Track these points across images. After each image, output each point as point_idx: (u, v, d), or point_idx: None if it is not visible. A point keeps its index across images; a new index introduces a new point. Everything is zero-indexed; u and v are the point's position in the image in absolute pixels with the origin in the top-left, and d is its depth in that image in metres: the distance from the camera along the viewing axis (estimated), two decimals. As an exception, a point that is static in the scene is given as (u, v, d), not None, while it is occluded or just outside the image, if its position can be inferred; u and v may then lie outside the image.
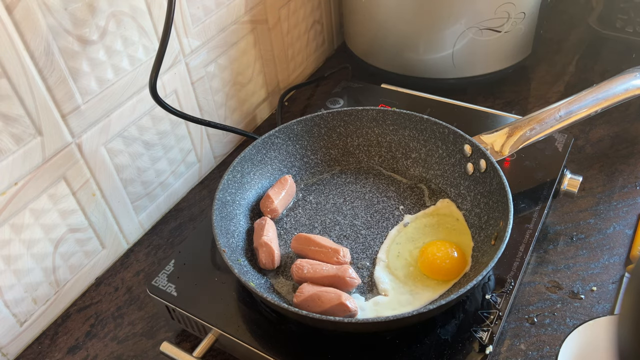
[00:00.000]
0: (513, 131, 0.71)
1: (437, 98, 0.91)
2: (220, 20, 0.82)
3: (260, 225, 0.68)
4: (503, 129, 0.72)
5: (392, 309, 0.60)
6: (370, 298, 0.62)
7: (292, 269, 0.63)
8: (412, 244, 0.67)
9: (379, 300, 0.61)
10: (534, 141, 0.71)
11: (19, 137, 0.60)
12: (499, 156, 0.69)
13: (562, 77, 1.02)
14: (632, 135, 0.88)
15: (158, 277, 0.65)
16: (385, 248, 0.67)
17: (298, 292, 0.60)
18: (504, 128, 0.72)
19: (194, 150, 0.86)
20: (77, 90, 0.64)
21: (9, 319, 0.66)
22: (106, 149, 0.71)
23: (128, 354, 0.67)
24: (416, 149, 0.77)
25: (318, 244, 0.65)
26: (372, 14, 0.97)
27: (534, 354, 0.61)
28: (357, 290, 0.63)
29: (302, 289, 0.60)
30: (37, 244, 0.66)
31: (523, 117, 0.73)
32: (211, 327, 0.61)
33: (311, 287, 0.60)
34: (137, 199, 0.79)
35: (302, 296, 0.59)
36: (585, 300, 0.66)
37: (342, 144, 0.79)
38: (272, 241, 0.66)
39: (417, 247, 0.66)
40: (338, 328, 0.57)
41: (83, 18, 0.62)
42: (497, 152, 0.70)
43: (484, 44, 0.93)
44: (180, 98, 0.80)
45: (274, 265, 0.65)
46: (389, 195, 0.75)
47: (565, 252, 0.72)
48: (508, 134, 0.71)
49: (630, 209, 0.76)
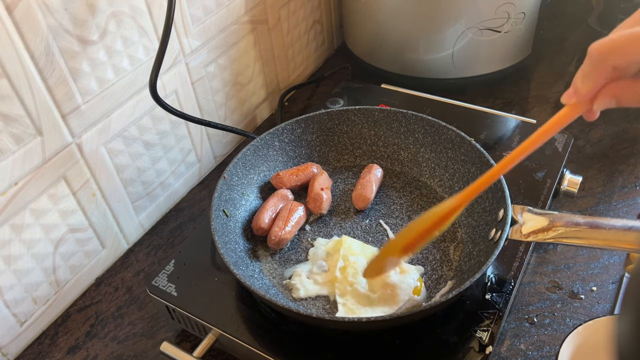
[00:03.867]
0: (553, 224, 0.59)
1: (437, 98, 0.91)
2: (221, 20, 0.82)
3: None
4: (546, 216, 0.60)
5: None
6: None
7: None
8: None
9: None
10: (555, 243, 0.60)
11: (19, 137, 0.60)
12: (519, 237, 0.61)
13: (562, 77, 1.02)
14: (632, 135, 0.88)
15: (158, 277, 0.65)
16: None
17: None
18: (549, 215, 0.61)
19: (194, 150, 0.86)
20: (77, 90, 0.64)
21: (9, 319, 0.66)
22: (106, 149, 0.71)
23: (128, 354, 0.67)
24: (424, 153, 0.77)
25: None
26: (372, 14, 0.97)
27: (534, 354, 0.61)
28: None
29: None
30: (37, 244, 0.66)
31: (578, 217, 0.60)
32: (211, 327, 0.61)
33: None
34: (137, 199, 0.79)
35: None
36: (585, 300, 0.66)
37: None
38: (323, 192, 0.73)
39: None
40: (338, 327, 0.57)
41: (83, 18, 0.62)
42: (522, 233, 0.61)
43: (484, 44, 0.93)
44: (180, 98, 0.80)
45: (321, 210, 0.72)
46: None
47: (565, 252, 0.72)
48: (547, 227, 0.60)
49: (630, 209, 0.76)
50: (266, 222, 0.69)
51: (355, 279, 0.63)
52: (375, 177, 0.74)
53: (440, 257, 0.67)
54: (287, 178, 0.74)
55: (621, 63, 0.40)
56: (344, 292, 0.62)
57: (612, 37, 0.40)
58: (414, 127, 0.77)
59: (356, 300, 0.62)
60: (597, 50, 0.40)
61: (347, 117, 0.79)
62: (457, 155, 0.73)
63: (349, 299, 0.62)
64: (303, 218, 0.71)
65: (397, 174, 0.78)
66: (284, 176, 0.74)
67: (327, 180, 0.75)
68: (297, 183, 0.75)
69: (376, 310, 0.61)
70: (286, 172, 0.75)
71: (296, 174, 0.75)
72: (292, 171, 0.75)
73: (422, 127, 0.76)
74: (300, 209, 0.71)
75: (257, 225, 0.69)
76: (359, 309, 0.61)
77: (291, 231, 0.68)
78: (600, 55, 0.40)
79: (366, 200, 0.72)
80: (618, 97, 0.42)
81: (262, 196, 0.75)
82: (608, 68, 0.40)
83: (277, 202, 0.72)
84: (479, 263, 0.60)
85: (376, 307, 0.61)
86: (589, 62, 0.41)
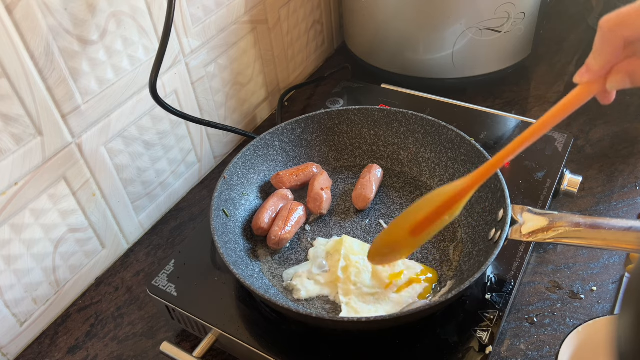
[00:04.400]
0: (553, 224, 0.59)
1: (437, 98, 0.91)
2: (220, 20, 0.82)
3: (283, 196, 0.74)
4: (546, 216, 0.60)
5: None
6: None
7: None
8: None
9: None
10: (555, 243, 0.60)
11: (19, 137, 0.60)
12: (519, 237, 0.61)
13: (562, 77, 1.02)
14: (632, 135, 0.88)
15: (158, 277, 0.65)
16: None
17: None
18: (549, 215, 0.61)
19: (194, 150, 0.86)
20: (77, 90, 0.64)
21: (9, 319, 0.66)
22: (106, 149, 0.71)
23: (128, 354, 0.67)
24: (424, 152, 0.77)
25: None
26: (372, 14, 0.97)
27: (534, 354, 0.61)
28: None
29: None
30: (37, 244, 0.66)
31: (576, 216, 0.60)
32: (211, 327, 0.61)
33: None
34: (137, 199, 0.79)
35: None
36: (585, 300, 0.66)
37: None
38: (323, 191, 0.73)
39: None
40: (338, 327, 0.57)
41: (83, 18, 0.62)
42: (522, 233, 0.61)
43: (484, 44, 0.93)
44: (180, 98, 0.80)
45: (321, 210, 0.72)
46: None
47: (565, 252, 0.72)
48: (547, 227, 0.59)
49: (630, 209, 0.76)
50: (266, 222, 0.69)
51: (358, 279, 0.63)
52: (375, 177, 0.74)
53: (440, 257, 0.67)
54: (287, 178, 0.74)
55: (631, 35, 0.39)
56: (347, 291, 0.62)
57: (621, 9, 0.39)
58: (414, 127, 0.77)
59: (360, 299, 0.62)
60: (607, 23, 0.40)
61: (347, 117, 0.79)
62: (457, 156, 0.73)
63: (352, 298, 0.62)
64: (303, 218, 0.71)
65: (397, 174, 0.78)
66: (284, 176, 0.74)
67: (327, 180, 0.75)
68: (297, 183, 0.75)
69: (379, 310, 0.61)
70: (286, 172, 0.75)
71: (296, 173, 0.75)
72: (292, 171, 0.75)
73: (422, 127, 0.76)
74: (300, 209, 0.71)
75: (257, 225, 0.69)
76: (363, 308, 0.61)
77: (291, 231, 0.68)
78: (610, 28, 0.39)
79: (366, 200, 0.72)
80: (632, 74, 0.41)
81: (262, 196, 0.75)
82: (619, 41, 0.40)
83: (277, 202, 0.72)
84: (479, 263, 0.60)
85: (380, 306, 0.61)
86: (599, 37, 0.41)
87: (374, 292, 0.62)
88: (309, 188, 0.74)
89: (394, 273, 0.63)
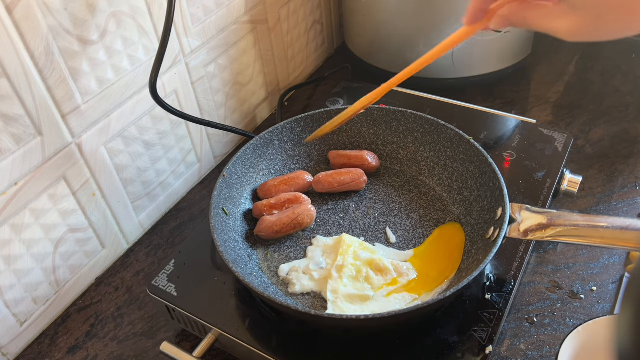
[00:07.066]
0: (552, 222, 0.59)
1: (437, 98, 0.91)
2: (220, 20, 0.82)
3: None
4: (545, 214, 0.60)
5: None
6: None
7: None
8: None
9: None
10: (555, 241, 0.60)
11: (19, 137, 0.60)
12: (517, 235, 0.61)
13: (562, 77, 1.02)
14: (632, 135, 0.88)
15: (158, 277, 0.65)
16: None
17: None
18: (547, 213, 0.60)
19: (194, 150, 0.87)
20: (77, 90, 0.64)
21: (9, 319, 0.66)
22: (106, 149, 0.71)
23: (128, 354, 0.67)
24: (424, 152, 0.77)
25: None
26: (372, 14, 0.97)
27: (534, 354, 0.61)
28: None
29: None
30: (37, 244, 0.66)
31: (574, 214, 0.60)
32: (211, 327, 0.61)
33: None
34: (137, 199, 0.79)
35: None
36: (585, 300, 0.66)
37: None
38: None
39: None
40: (336, 324, 0.57)
41: (83, 18, 0.62)
42: (520, 231, 0.61)
43: (484, 44, 0.93)
44: (180, 98, 0.80)
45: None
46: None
47: (565, 252, 0.72)
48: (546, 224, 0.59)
49: (630, 209, 0.76)
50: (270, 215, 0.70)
51: (349, 279, 0.63)
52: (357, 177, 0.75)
53: (440, 256, 0.67)
54: (275, 188, 0.74)
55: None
56: (335, 290, 0.62)
57: None
58: (413, 126, 0.77)
59: (346, 299, 0.62)
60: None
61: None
62: (456, 154, 0.73)
63: (340, 297, 0.62)
64: (301, 227, 0.70)
65: (396, 173, 0.78)
66: (272, 186, 0.74)
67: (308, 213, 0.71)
68: (283, 201, 0.73)
69: (365, 311, 0.61)
70: (274, 181, 0.74)
71: (285, 183, 0.74)
72: (280, 180, 0.74)
73: (421, 126, 0.76)
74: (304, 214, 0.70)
75: (259, 211, 0.71)
76: (349, 308, 0.61)
77: (280, 231, 0.69)
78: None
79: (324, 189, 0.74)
80: (508, 18, 0.48)
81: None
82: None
83: (290, 200, 0.72)
84: (477, 261, 0.60)
85: (366, 308, 0.61)
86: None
87: (363, 295, 0.62)
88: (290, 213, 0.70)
89: (387, 283, 0.63)
